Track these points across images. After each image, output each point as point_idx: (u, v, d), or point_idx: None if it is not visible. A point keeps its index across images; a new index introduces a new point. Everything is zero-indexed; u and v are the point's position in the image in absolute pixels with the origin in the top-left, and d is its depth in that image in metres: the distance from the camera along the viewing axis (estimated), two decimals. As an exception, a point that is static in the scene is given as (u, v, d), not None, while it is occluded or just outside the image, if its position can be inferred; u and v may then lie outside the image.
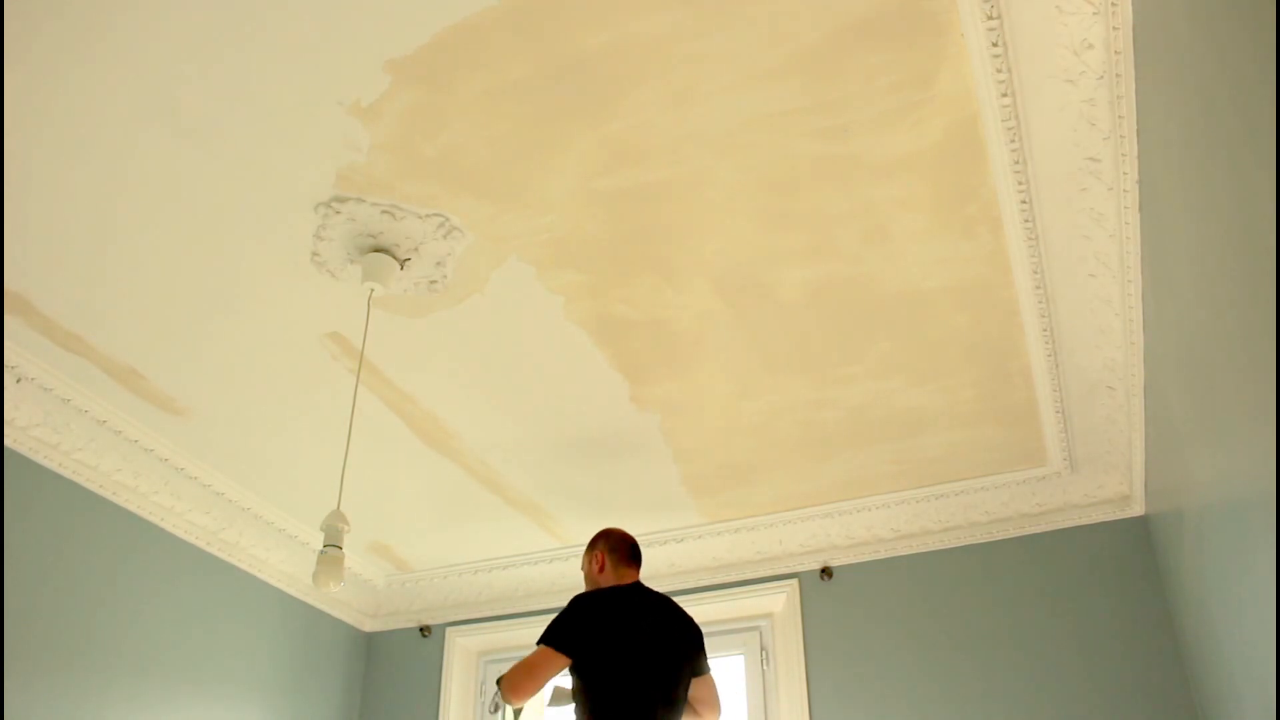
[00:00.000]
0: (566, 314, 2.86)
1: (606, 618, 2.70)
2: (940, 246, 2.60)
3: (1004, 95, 2.15)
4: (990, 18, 1.98)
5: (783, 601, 4.00)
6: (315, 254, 2.63)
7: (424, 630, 4.56)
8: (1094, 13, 1.97)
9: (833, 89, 2.17)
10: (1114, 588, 3.51)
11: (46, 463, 3.21)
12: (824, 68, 2.12)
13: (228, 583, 3.90)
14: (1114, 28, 1.99)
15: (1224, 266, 1.73)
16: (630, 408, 3.29)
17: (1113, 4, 1.95)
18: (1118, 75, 2.07)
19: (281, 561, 4.12)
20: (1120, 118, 2.16)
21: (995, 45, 2.04)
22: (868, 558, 3.92)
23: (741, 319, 2.88)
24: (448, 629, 4.54)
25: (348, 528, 2.59)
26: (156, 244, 2.59)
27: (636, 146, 2.32)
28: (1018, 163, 2.32)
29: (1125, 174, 2.27)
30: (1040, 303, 2.77)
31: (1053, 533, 3.69)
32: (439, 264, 2.67)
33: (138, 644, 3.44)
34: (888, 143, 2.30)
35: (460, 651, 4.50)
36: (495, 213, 2.51)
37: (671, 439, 3.46)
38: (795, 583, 4.00)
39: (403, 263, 2.65)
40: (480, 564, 4.42)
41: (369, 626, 4.68)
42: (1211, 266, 1.82)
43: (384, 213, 2.51)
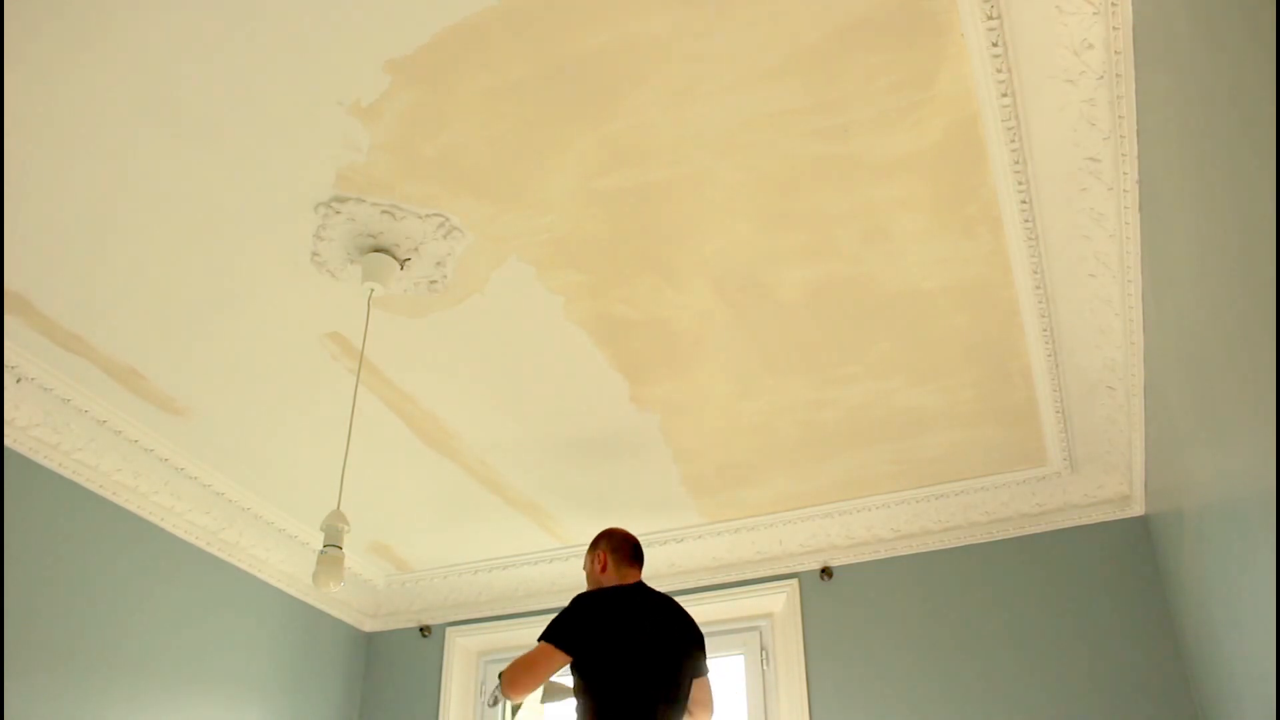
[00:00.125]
0: (566, 314, 2.86)
1: (609, 617, 2.70)
2: (940, 246, 2.61)
3: (1004, 95, 2.15)
4: (990, 18, 1.99)
5: (783, 601, 4.00)
6: (315, 254, 2.63)
7: (424, 630, 4.56)
8: (1094, 13, 1.97)
9: (833, 89, 2.17)
10: (1114, 588, 3.51)
11: (46, 463, 3.21)
12: (824, 68, 2.12)
13: (228, 583, 3.90)
14: (1114, 28, 1.99)
15: (1224, 266, 1.73)
16: (630, 408, 3.29)
17: (1113, 4, 1.95)
18: (1118, 75, 2.07)
19: (281, 561, 4.13)
20: (1120, 118, 2.16)
21: (995, 45, 2.04)
22: (868, 558, 3.92)
23: (741, 319, 2.88)
24: (448, 629, 4.54)
25: (348, 528, 2.59)
26: (156, 244, 2.59)
27: (636, 146, 2.32)
28: (1018, 163, 2.32)
29: (1125, 174, 2.27)
30: (1040, 303, 2.77)
31: (1053, 533, 3.69)
32: (439, 264, 2.67)
33: (137, 644, 3.44)
34: (888, 143, 2.30)
35: (460, 651, 4.50)
36: (495, 213, 2.51)
37: (671, 439, 3.46)
38: (795, 583, 4.00)
39: (403, 263, 2.65)
40: (480, 564, 4.42)
41: (369, 626, 4.68)
42: (1211, 266, 1.82)
43: (384, 213, 2.51)
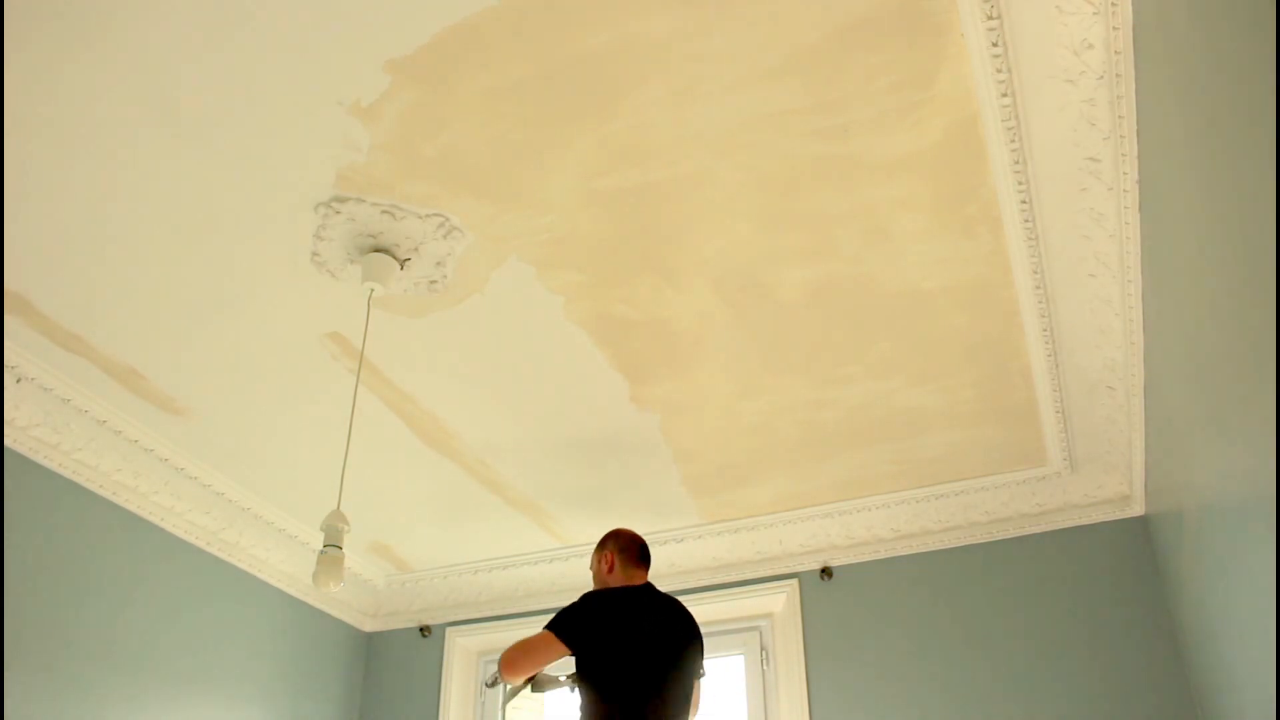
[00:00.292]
0: (566, 314, 2.86)
1: (616, 618, 2.72)
2: (940, 246, 2.60)
3: (1004, 95, 2.15)
4: (990, 18, 1.98)
5: (783, 601, 4.00)
6: (315, 254, 2.63)
7: (424, 630, 4.56)
8: (1094, 13, 1.97)
9: (833, 89, 2.17)
10: (1114, 588, 3.51)
11: (46, 463, 3.21)
12: (824, 68, 2.12)
13: (228, 583, 3.90)
14: (1114, 28, 1.99)
15: (1224, 266, 1.73)
16: (630, 408, 3.29)
17: (1113, 4, 1.95)
18: (1118, 75, 2.07)
19: (281, 561, 4.12)
20: (1120, 118, 2.16)
21: (995, 45, 2.04)
22: (868, 558, 3.92)
23: (741, 319, 2.88)
24: (448, 629, 4.54)
25: (348, 528, 2.59)
26: (156, 244, 2.59)
27: (636, 146, 2.32)
28: (1018, 163, 2.32)
29: (1125, 174, 2.27)
30: (1040, 303, 2.77)
31: (1053, 533, 3.69)
32: (439, 264, 2.67)
33: (137, 644, 3.44)
34: (888, 143, 2.30)
35: (460, 651, 4.50)
36: (495, 213, 2.51)
37: (671, 439, 3.46)
38: (795, 583, 4.00)
39: (403, 263, 2.65)
40: (480, 564, 4.42)
41: (369, 626, 4.68)
42: (1211, 266, 1.82)
43: (384, 213, 2.51)
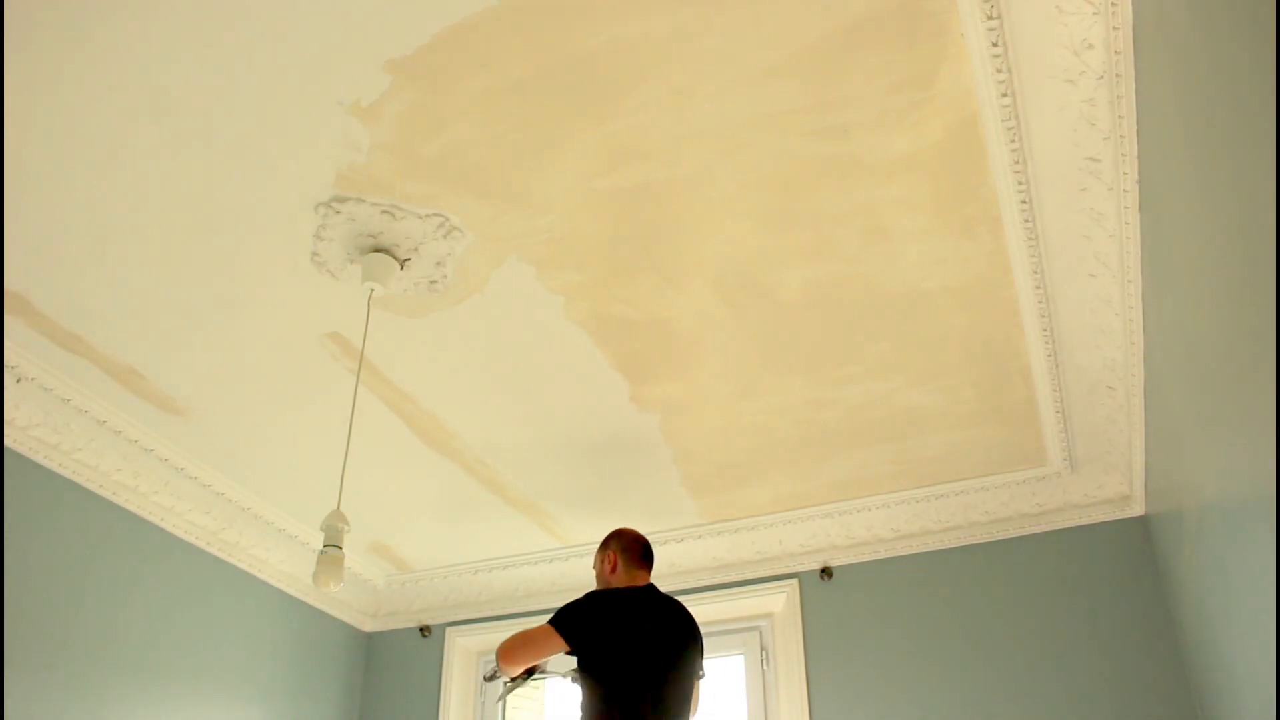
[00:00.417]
0: (566, 314, 2.86)
1: (617, 618, 2.73)
2: (940, 246, 2.60)
3: (1004, 95, 2.15)
4: (990, 18, 1.98)
5: (783, 601, 4.00)
6: (315, 254, 2.63)
7: (424, 630, 4.56)
8: (1094, 13, 1.97)
9: (833, 89, 2.17)
10: (1114, 588, 3.51)
11: (46, 463, 3.21)
12: (824, 68, 2.12)
13: (228, 583, 3.90)
14: (1114, 28, 1.99)
15: (1224, 266, 1.73)
16: (630, 408, 3.29)
17: (1113, 4, 1.95)
18: (1118, 75, 2.07)
19: (281, 561, 4.12)
20: (1120, 118, 2.16)
21: (995, 45, 2.04)
22: (868, 558, 3.92)
23: (741, 319, 2.88)
24: (448, 629, 4.54)
25: (348, 528, 2.59)
26: (156, 244, 2.59)
27: (636, 146, 2.32)
28: (1018, 163, 2.32)
29: (1125, 174, 2.27)
30: (1040, 303, 2.77)
31: (1053, 533, 3.69)
32: (439, 264, 2.67)
33: (137, 644, 3.44)
34: (888, 143, 2.30)
35: (460, 651, 4.50)
36: (495, 213, 2.51)
37: (671, 439, 3.46)
38: (795, 583, 4.00)
39: (403, 263, 2.65)
40: (480, 564, 4.42)
41: (369, 626, 4.68)
42: (1211, 266, 1.82)
43: (384, 213, 2.51)
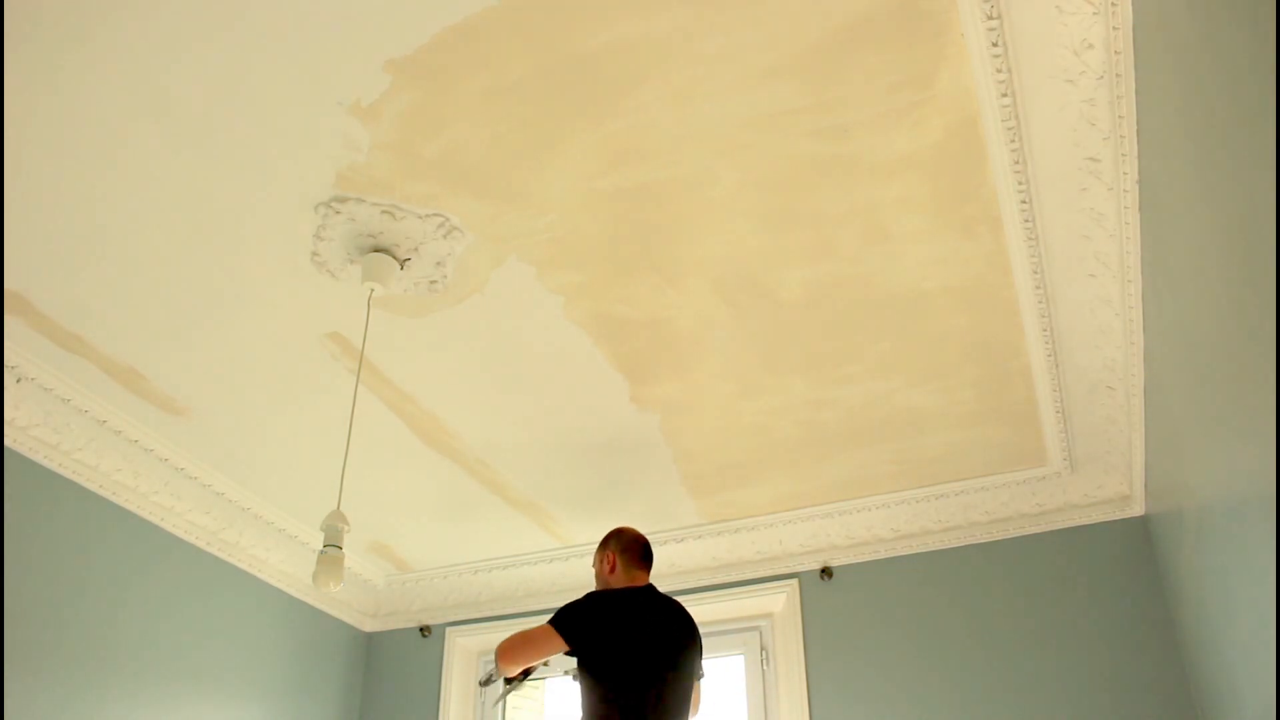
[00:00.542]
0: (566, 314, 2.86)
1: (617, 618, 2.73)
2: (940, 246, 2.60)
3: (1004, 95, 2.15)
4: (990, 18, 1.98)
5: (783, 601, 4.00)
6: (315, 254, 2.63)
7: (424, 630, 4.56)
8: (1094, 13, 1.97)
9: (833, 89, 2.17)
10: (1114, 588, 3.51)
11: (46, 463, 3.21)
12: (824, 68, 2.12)
13: (228, 583, 3.90)
14: (1114, 28, 1.99)
15: (1224, 266, 1.73)
16: (630, 408, 3.29)
17: (1113, 4, 1.95)
18: (1118, 75, 2.07)
19: (281, 561, 4.12)
20: (1120, 118, 2.16)
21: (995, 45, 2.04)
22: (868, 558, 3.92)
23: (741, 319, 2.88)
24: (448, 629, 4.54)
25: (348, 528, 2.59)
26: (156, 244, 2.59)
27: (636, 146, 2.32)
28: (1018, 163, 2.32)
29: (1125, 174, 2.27)
30: (1040, 303, 2.77)
31: (1053, 533, 3.69)
32: (439, 264, 2.67)
33: (137, 644, 3.44)
34: (888, 143, 2.30)
35: (460, 651, 4.50)
36: (495, 213, 2.51)
37: (671, 439, 3.46)
38: (795, 583, 4.00)
39: (403, 263, 2.65)
40: (480, 564, 4.42)
41: (369, 626, 4.68)
42: (1211, 266, 1.82)
43: (384, 213, 2.51)
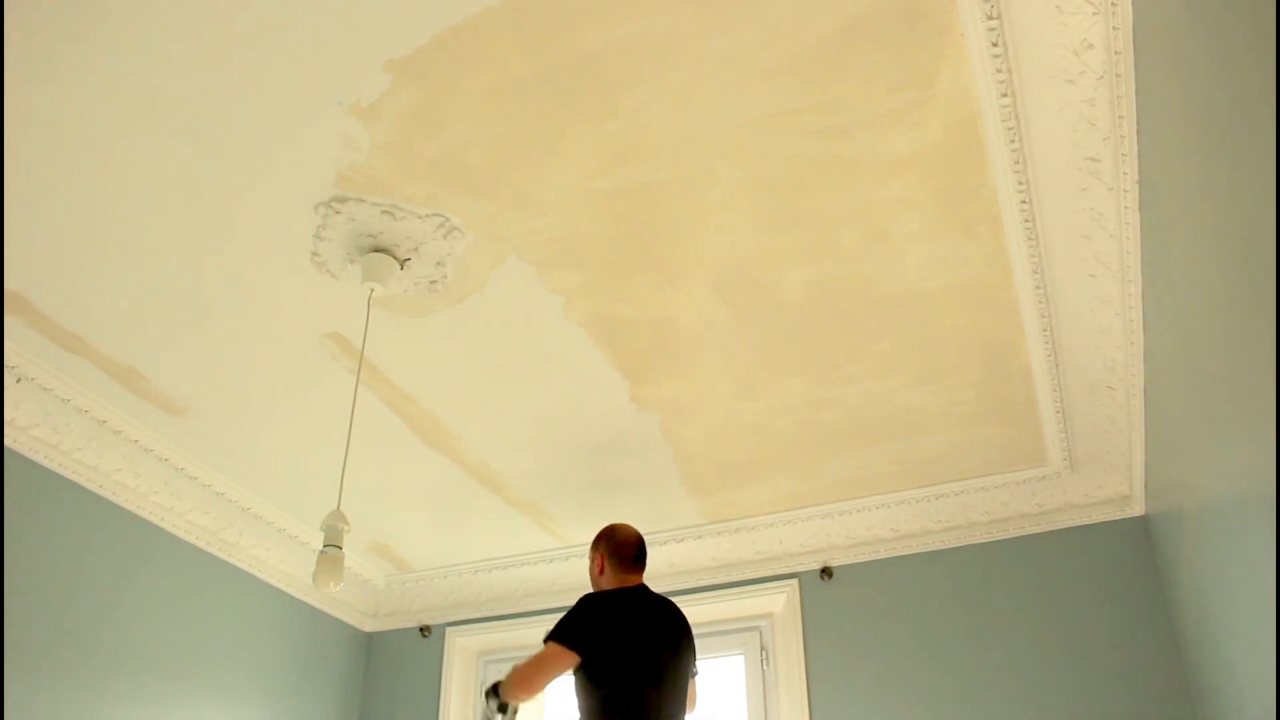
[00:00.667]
0: (566, 314, 2.86)
1: (615, 620, 2.73)
2: (940, 246, 2.60)
3: (1004, 95, 2.15)
4: (990, 18, 1.99)
5: (783, 601, 4.00)
6: (315, 254, 2.63)
7: (424, 630, 4.56)
8: (1094, 13, 1.97)
9: (833, 89, 2.17)
10: (1114, 588, 3.51)
11: (46, 463, 3.21)
12: (824, 68, 2.12)
13: (228, 583, 3.90)
14: (1114, 28, 1.99)
15: (1224, 266, 1.73)
16: (630, 408, 3.29)
17: (1113, 4, 1.95)
18: (1118, 75, 2.07)
19: (281, 561, 4.12)
20: (1120, 118, 2.16)
21: (995, 45, 2.04)
22: (868, 558, 3.92)
23: (741, 319, 2.88)
24: (448, 629, 4.54)
25: (348, 528, 2.59)
26: (157, 244, 2.59)
27: (636, 146, 2.32)
28: (1018, 163, 2.32)
29: (1125, 174, 2.27)
30: (1040, 303, 2.77)
31: (1053, 533, 3.69)
32: (439, 264, 2.67)
33: (137, 644, 3.44)
34: (888, 143, 2.30)
35: (460, 651, 4.50)
36: (495, 213, 2.51)
37: (671, 439, 3.46)
38: (795, 583, 4.00)
39: (403, 263, 2.65)
40: (480, 564, 4.42)
41: (369, 626, 4.68)
42: (1211, 266, 1.82)
43: (384, 213, 2.51)
